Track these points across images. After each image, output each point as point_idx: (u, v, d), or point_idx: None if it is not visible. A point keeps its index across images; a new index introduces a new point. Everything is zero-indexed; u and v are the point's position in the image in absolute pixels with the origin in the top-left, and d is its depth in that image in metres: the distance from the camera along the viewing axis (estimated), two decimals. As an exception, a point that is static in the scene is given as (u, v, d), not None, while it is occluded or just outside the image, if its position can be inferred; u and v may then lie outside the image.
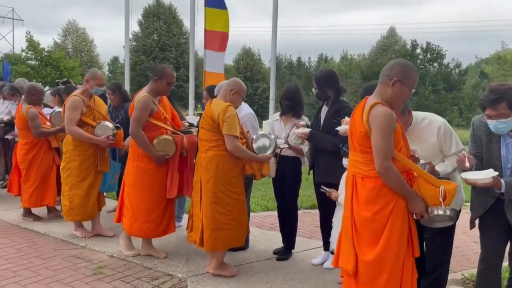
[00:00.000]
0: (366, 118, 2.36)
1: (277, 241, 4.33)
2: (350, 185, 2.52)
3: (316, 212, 5.75)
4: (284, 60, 54.58)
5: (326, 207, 3.75)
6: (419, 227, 2.58)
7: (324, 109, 3.82)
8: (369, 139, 2.35)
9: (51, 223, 4.96)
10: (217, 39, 7.35)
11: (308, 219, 5.62)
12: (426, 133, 2.92)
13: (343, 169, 3.48)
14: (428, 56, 36.71)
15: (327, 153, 3.65)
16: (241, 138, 3.55)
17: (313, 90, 3.86)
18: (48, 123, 5.11)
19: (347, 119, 3.48)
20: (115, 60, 54.84)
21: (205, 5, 7.21)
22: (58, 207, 5.13)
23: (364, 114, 2.39)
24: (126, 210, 3.94)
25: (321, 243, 4.14)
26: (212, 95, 4.44)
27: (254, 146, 3.66)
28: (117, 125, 4.57)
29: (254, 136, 3.75)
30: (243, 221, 3.64)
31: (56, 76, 25.40)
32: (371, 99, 2.45)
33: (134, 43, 38.07)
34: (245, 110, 4.13)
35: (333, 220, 3.59)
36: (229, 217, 3.51)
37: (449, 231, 2.95)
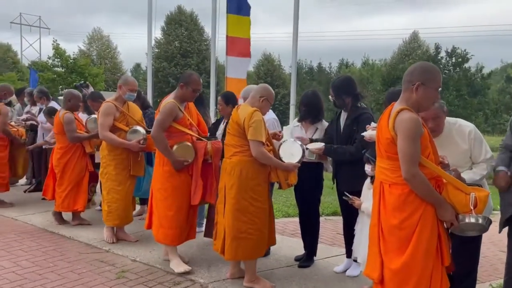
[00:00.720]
0: (392, 124, 2.34)
1: (299, 248, 4.30)
2: (377, 192, 2.49)
3: (337, 219, 5.72)
4: (304, 66, 54.52)
5: (349, 214, 3.70)
6: None
7: (343, 116, 3.79)
8: (395, 145, 2.32)
9: (76, 227, 5.05)
10: (239, 45, 7.40)
11: (330, 226, 5.57)
12: (458, 138, 2.86)
13: (366, 176, 3.45)
14: (453, 60, 36.04)
15: (348, 162, 3.60)
16: (267, 145, 3.49)
17: (330, 97, 3.83)
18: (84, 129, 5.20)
19: (373, 124, 3.45)
20: (137, 66, 55.82)
21: (227, 12, 7.27)
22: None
23: (390, 120, 2.36)
24: (154, 216, 3.94)
25: (343, 250, 4.09)
26: (227, 102, 4.48)
27: (281, 153, 3.56)
28: (150, 130, 4.57)
29: (281, 143, 3.65)
30: (266, 232, 3.52)
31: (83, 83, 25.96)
32: (397, 105, 2.42)
33: (157, 50, 38.65)
34: (268, 115, 4.12)
35: (356, 227, 3.55)
36: (252, 226, 3.41)
37: (476, 240, 2.87)
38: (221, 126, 4.53)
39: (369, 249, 2.54)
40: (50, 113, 5.68)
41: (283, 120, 20.45)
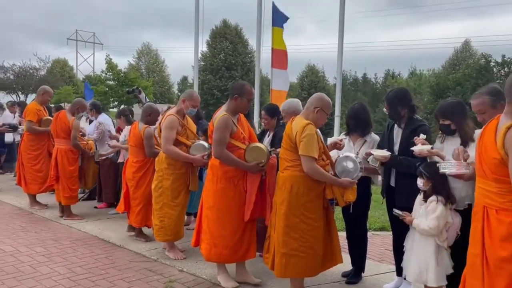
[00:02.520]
0: (501, 143, 2.03)
1: (346, 263, 4.18)
2: (479, 217, 2.20)
3: (385, 234, 5.54)
4: (349, 77, 53.89)
5: (399, 230, 3.57)
6: None
7: (397, 129, 3.68)
8: (505, 166, 2.03)
9: (124, 235, 5.19)
10: (281, 57, 7.45)
11: (378, 241, 5.40)
12: None
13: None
14: (505, 69, 34.30)
15: (409, 176, 3.41)
16: (322, 159, 3.35)
17: (385, 110, 3.72)
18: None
19: (422, 136, 3.33)
20: (184, 79, 57.37)
21: (272, 25, 7.33)
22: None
23: (498, 137, 2.05)
24: (204, 234, 3.80)
25: (393, 267, 3.95)
26: (272, 115, 4.48)
27: (337, 168, 3.40)
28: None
29: (336, 158, 3.49)
30: (319, 250, 3.34)
31: (131, 96, 27.00)
32: (504, 120, 2.09)
33: (202, 63, 39.59)
34: None
35: (405, 244, 3.42)
36: (303, 244, 3.26)
37: None
38: (266, 139, 4.52)
39: (468, 281, 2.28)
40: (120, 114, 6.36)
41: (327, 131, 20.22)
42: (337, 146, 3.69)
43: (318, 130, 3.91)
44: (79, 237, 5.16)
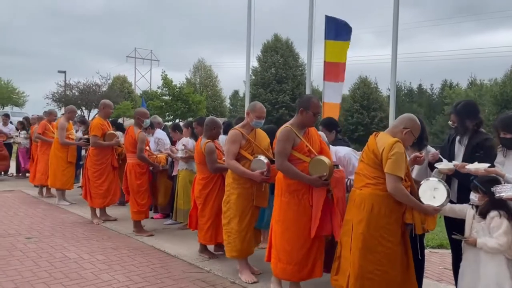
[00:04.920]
0: None
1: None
2: None
3: (444, 252, 5.29)
4: (403, 88, 52.38)
5: (460, 248, 3.40)
6: None
7: (459, 142, 3.55)
8: None
9: (179, 247, 5.34)
10: (336, 70, 7.41)
11: (435, 259, 5.17)
12: None
13: None
14: None
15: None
16: (405, 180, 3.15)
17: (450, 123, 3.59)
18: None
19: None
20: (235, 93, 58.42)
21: (325, 38, 7.35)
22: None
23: None
24: (273, 248, 3.76)
25: (452, 287, 3.76)
26: (329, 128, 4.45)
27: (420, 192, 3.16)
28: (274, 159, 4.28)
29: (422, 182, 3.24)
30: (396, 276, 3.15)
31: (185, 110, 27.94)
32: None
33: (253, 77, 40.17)
34: (344, 150, 4.07)
35: (462, 264, 3.27)
36: (380, 267, 3.10)
37: None
38: None
39: None
40: (175, 128, 6.69)
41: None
42: (417, 161, 3.46)
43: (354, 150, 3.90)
44: (137, 246, 5.38)
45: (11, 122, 11.39)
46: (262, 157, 4.21)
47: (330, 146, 4.09)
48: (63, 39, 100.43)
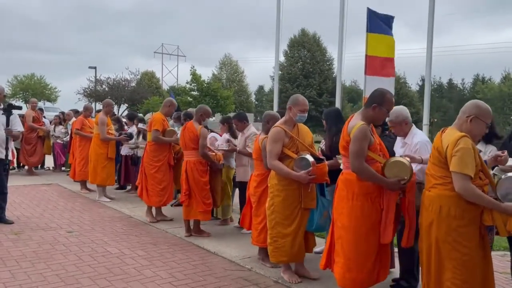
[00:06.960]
0: None
1: None
2: None
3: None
4: (433, 83, 51.15)
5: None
6: None
7: None
8: None
9: (220, 244, 5.29)
10: (380, 64, 7.19)
11: (498, 263, 4.91)
12: None
13: None
14: None
15: None
16: (480, 178, 2.91)
17: None
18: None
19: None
20: (260, 88, 58.36)
21: (367, 31, 7.14)
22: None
23: None
24: (337, 256, 3.47)
25: (510, 293, 3.57)
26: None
27: (499, 191, 2.88)
28: (322, 157, 4.15)
29: (499, 178, 2.95)
30: (475, 286, 2.90)
31: (214, 105, 28.01)
32: None
33: (280, 72, 39.98)
34: (420, 136, 3.84)
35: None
36: (457, 277, 2.87)
37: None
38: None
39: None
40: (224, 121, 6.40)
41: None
42: (499, 160, 3.21)
43: (428, 140, 3.58)
44: (176, 242, 5.36)
45: (44, 117, 11.62)
46: (306, 156, 3.95)
47: (413, 125, 3.85)
48: (94, 36, 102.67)
